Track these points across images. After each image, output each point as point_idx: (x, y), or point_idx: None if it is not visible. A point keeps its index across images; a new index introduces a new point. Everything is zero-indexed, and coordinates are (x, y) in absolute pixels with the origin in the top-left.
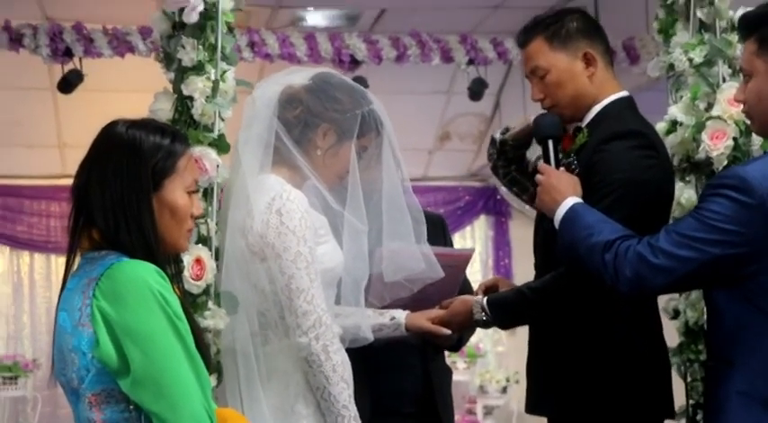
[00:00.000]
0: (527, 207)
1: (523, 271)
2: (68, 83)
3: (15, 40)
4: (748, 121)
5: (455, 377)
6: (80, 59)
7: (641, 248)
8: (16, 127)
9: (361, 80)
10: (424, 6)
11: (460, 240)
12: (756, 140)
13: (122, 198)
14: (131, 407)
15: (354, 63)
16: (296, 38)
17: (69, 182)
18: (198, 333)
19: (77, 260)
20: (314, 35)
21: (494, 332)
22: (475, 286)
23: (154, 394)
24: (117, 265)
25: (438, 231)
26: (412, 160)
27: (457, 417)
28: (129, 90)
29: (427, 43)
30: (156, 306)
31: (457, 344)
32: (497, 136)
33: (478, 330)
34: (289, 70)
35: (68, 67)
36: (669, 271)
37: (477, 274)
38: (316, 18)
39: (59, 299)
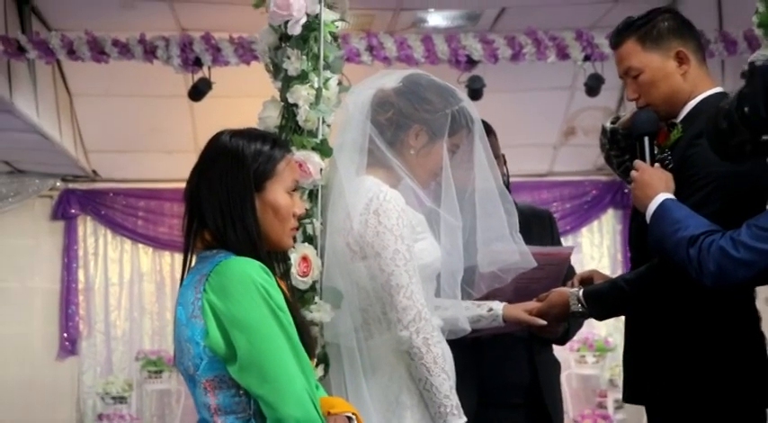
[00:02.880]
0: None
1: None
2: (198, 91)
3: (149, 52)
4: None
5: (585, 371)
6: (209, 68)
7: (723, 243)
8: (156, 133)
9: (478, 80)
10: (545, 3)
11: (588, 235)
12: None
13: (228, 200)
14: (241, 391)
15: (471, 63)
16: (413, 40)
17: None
18: (302, 325)
19: (194, 259)
20: (431, 37)
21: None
22: None
23: (258, 379)
24: (225, 262)
25: (545, 226)
26: (536, 156)
27: (587, 411)
28: (255, 95)
29: (543, 41)
30: (259, 298)
31: (563, 337)
32: (608, 125)
33: (609, 324)
34: (380, 74)
35: (198, 75)
36: (751, 264)
37: (606, 269)
38: (437, 19)
39: (178, 294)
